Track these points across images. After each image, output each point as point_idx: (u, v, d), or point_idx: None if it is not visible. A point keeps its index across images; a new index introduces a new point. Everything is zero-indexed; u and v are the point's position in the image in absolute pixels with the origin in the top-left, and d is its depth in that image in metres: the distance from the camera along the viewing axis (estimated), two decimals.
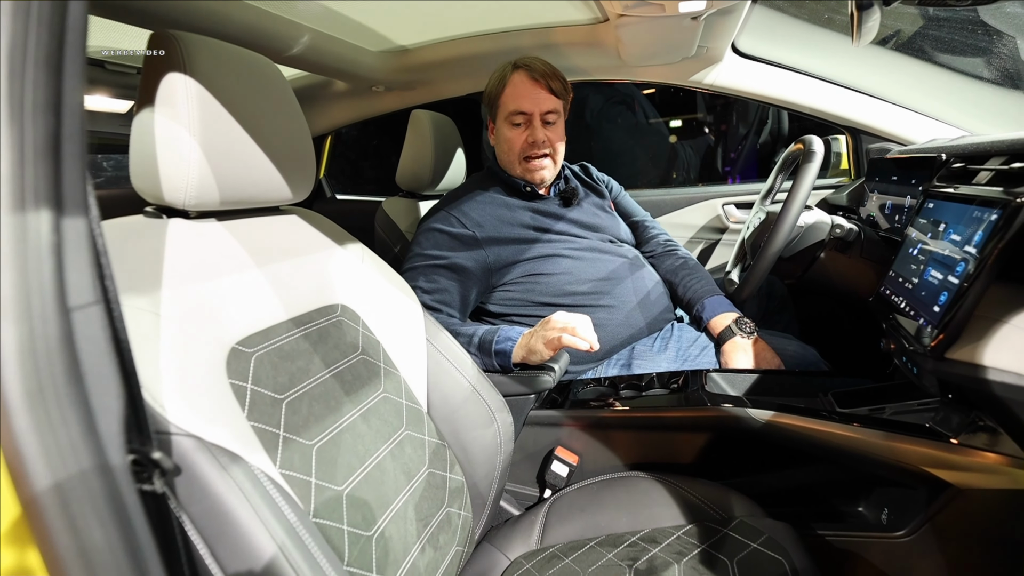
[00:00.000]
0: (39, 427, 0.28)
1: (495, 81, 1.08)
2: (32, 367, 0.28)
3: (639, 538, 0.72)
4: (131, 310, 0.48)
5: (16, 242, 0.30)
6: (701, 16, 0.99)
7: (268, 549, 0.45)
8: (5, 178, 0.30)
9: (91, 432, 0.31)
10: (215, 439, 0.46)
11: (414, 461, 0.71)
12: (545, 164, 1.07)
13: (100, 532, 0.30)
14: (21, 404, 0.28)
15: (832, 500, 0.83)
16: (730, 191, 1.63)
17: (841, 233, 0.98)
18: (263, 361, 0.58)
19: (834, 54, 1.34)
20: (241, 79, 0.62)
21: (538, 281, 1.04)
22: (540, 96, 1.04)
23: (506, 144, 1.07)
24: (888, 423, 0.71)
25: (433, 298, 0.99)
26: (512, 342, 0.90)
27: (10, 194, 0.30)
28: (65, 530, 0.28)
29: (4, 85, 0.30)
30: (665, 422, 0.85)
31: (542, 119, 1.05)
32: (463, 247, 1.02)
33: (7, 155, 0.30)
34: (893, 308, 0.76)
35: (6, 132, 0.30)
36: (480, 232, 1.03)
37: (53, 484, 0.28)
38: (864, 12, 0.62)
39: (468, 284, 1.02)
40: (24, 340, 0.29)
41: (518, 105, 1.04)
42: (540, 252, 1.05)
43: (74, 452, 0.29)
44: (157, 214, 0.61)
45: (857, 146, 1.42)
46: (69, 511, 0.28)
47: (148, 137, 0.56)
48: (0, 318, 0.28)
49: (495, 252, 1.03)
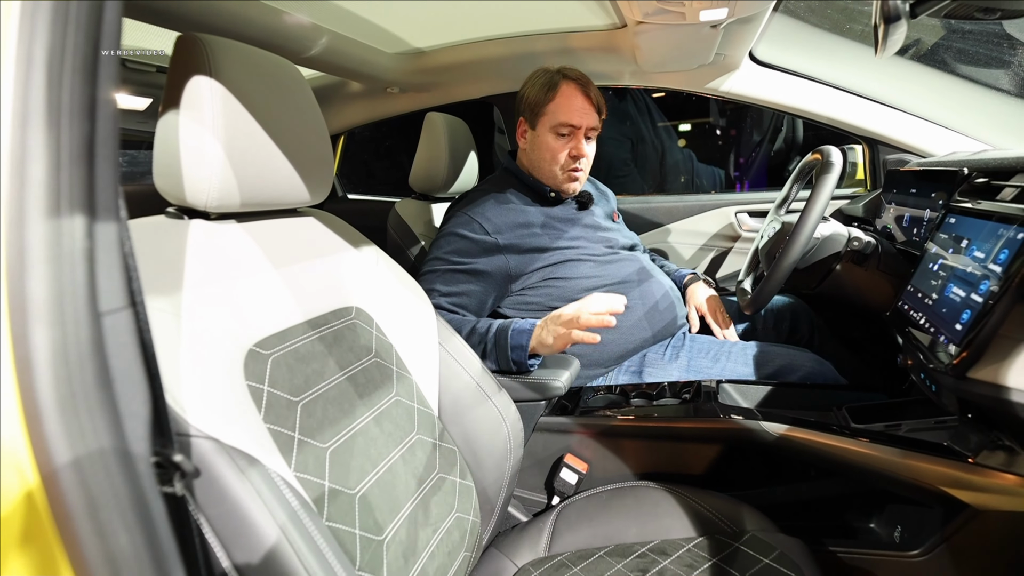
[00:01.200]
0: (70, 433, 0.28)
1: (541, 87, 1.07)
2: (65, 373, 0.29)
3: (648, 549, 0.71)
4: (153, 311, 0.48)
5: (51, 247, 0.30)
6: (721, 24, 0.99)
7: (284, 553, 0.46)
8: (41, 183, 0.30)
9: (119, 437, 0.31)
10: (233, 442, 0.47)
11: (425, 465, 0.71)
12: (580, 176, 1.09)
13: (126, 538, 0.30)
14: (53, 410, 0.28)
15: (844, 516, 0.82)
16: (743, 199, 1.63)
17: (859, 246, 0.96)
18: (279, 363, 0.58)
19: (854, 64, 1.33)
20: (264, 82, 0.63)
21: (556, 285, 1.05)
22: (588, 111, 1.06)
23: (548, 152, 1.07)
24: (904, 440, 0.70)
25: (451, 301, 1.00)
26: (528, 335, 0.90)
27: (45, 199, 0.30)
28: (93, 535, 0.28)
29: (42, 91, 0.31)
30: (676, 432, 0.85)
31: (586, 132, 1.07)
32: (484, 253, 1.02)
33: (43, 160, 0.31)
34: (911, 323, 0.75)
35: (44, 137, 0.31)
36: (501, 239, 1.03)
37: (83, 490, 0.28)
38: (891, 25, 0.61)
39: (488, 289, 1.02)
40: (57, 345, 0.29)
41: (568, 118, 1.05)
42: (558, 257, 1.05)
43: (103, 458, 0.29)
44: (178, 215, 0.62)
45: (874, 157, 1.41)
46: (97, 517, 0.28)
47: (172, 139, 0.57)
48: (34, 323, 0.29)
49: (516, 259, 1.04)
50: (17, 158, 0.30)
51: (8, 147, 0.29)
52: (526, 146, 1.12)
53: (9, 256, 0.29)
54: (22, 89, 0.30)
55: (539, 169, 1.10)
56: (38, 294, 0.29)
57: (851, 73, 1.34)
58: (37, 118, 0.31)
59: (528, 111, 1.10)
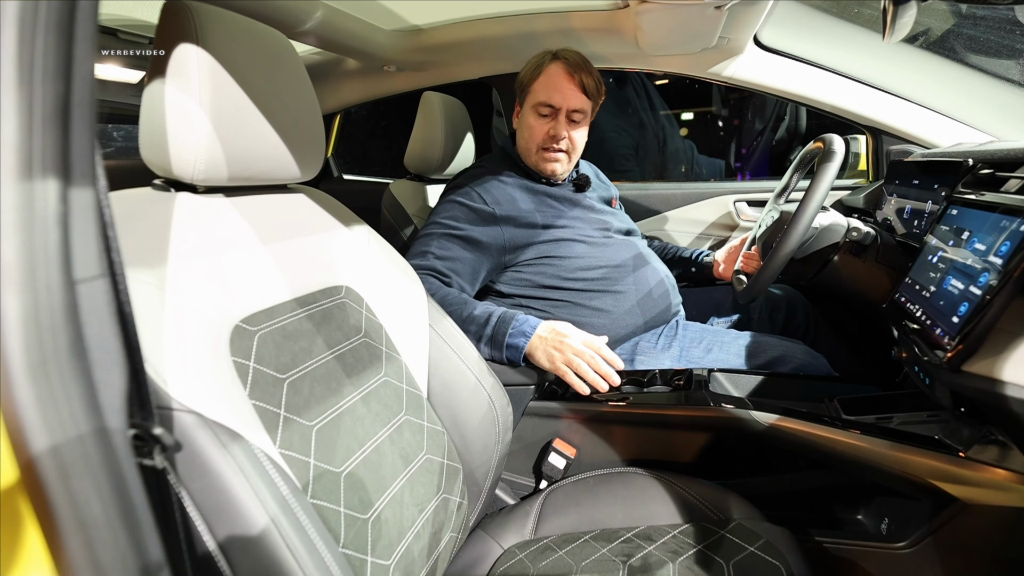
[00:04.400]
0: (41, 399, 0.28)
1: (531, 66, 1.07)
2: (36, 339, 0.28)
3: (634, 535, 0.72)
4: (136, 283, 0.48)
5: (22, 211, 0.29)
6: (726, 6, 0.97)
7: (266, 529, 0.45)
8: (12, 145, 0.29)
9: (93, 406, 0.30)
10: (216, 416, 0.46)
11: (412, 446, 0.71)
12: (559, 158, 1.07)
13: (99, 505, 0.29)
14: (24, 375, 0.28)
15: (831, 506, 0.82)
16: (742, 188, 1.61)
17: (857, 237, 0.95)
18: (266, 340, 0.58)
19: (860, 51, 1.30)
20: (254, 53, 0.61)
21: (550, 264, 1.04)
22: (571, 92, 1.03)
23: (527, 131, 1.07)
24: (895, 433, 0.70)
25: (445, 264, 0.99)
26: (526, 338, 0.89)
27: (16, 161, 0.29)
28: (64, 503, 0.28)
29: (13, 49, 0.30)
30: (666, 419, 0.85)
31: (568, 115, 1.05)
32: (481, 222, 1.02)
33: (15, 121, 0.29)
34: (908, 316, 0.75)
35: (15, 97, 0.29)
36: (499, 210, 1.02)
37: (54, 456, 0.28)
38: (900, 7, 0.59)
39: (481, 259, 1.02)
40: (28, 311, 0.28)
41: (548, 96, 1.03)
42: (554, 236, 1.04)
43: (75, 425, 0.29)
44: (165, 187, 0.60)
45: (877, 147, 1.39)
46: (69, 484, 0.28)
47: (158, 109, 0.55)
48: (4, 287, 0.28)
49: (511, 232, 1.03)
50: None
51: None
52: (516, 127, 1.12)
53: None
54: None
55: (522, 148, 1.10)
56: (8, 258, 0.28)
57: (857, 60, 1.31)
58: (8, 77, 0.29)
59: (519, 90, 1.10)
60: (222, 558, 0.45)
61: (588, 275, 1.04)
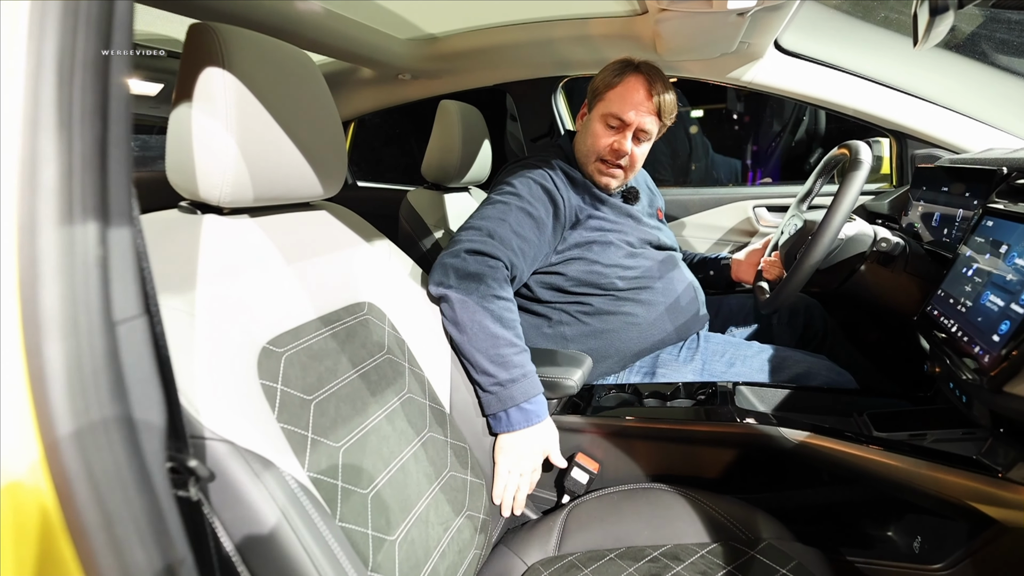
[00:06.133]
0: (84, 450, 0.28)
1: (609, 73, 1.02)
2: (79, 386, 0.28)
3: (661, 553, 0.71)
4: (167, 311, 0.48)
5: (63, 256, 0.29)
6: (749, 12, 0.95)
7: (298, 557, 0.45)
8: (52, 189, 0.29)
9: (135, 450, 0.30)
10: (247, 444, 0.46)
11: (436, 463, 0.71)
12: (616, 174, 1.03)
13: (142, 552, 0.29)
14: (67, 423, 0.28)
15: (860, 523, 0.81)
16: (761, 193, 1.59)
17: (887, 247, 0.93)
18: (292, 361, 0.58)
19: (885, 54, 1.27)
20: (278, 74, 0.61)
21: (585, 259, 1.01)
22: (645, 110, 0.99)
23: (591, 138, 1.02)
24: (930, 452, 0.68)
25: (519, 243, 0.90)
26: (538, 419, 0.81)
27: (57, 206, 0.29)
28: (108, 551, 0.28)
29: (53, 91, 0.30)
30: (691, 435, 0.83)
31: (635, 132, 1.01)
32: (552, 206, 0.97)
33: (55, 165, 0.29)
34: (941, 330, 0.73)
35: (55, 141, 0.29)
36: (563, 203, 0.99)
37: (98, 506, 0.28)
38: (936, 17, 0.58)
39: (540, 246, 0.96)
40: (71, 357, 0.28)
41: (620, 110, 0.99)
42: (593, 236, 1.01)
43: (118, 472, 0.29)
44: (191, 209, 0.61)
45: (901, 151, 1.36)
46: (113, 532, 0.28)
47: (185, 132, 0.56)
48: (47, 335, 0.28)
49: (566, 229, 1.00)
50: (28, 163, 0.29)
51: (19, 152, 0.28)
52: (579, 128, 1.08)
53: (22, 266, 0.28)
54: (32, 91, 0.29)
55: (580, 152, 1.06)
56: (51, 305, 0.28)
57: (882, 64, 1.28)
58: (48, 121, 0.29)
59: (591, 93, 1.05)
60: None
61: (620, 282, 1.02)
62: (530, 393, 0.80)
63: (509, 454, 0.81)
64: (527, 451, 0.81)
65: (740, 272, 1.25)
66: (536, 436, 0.81)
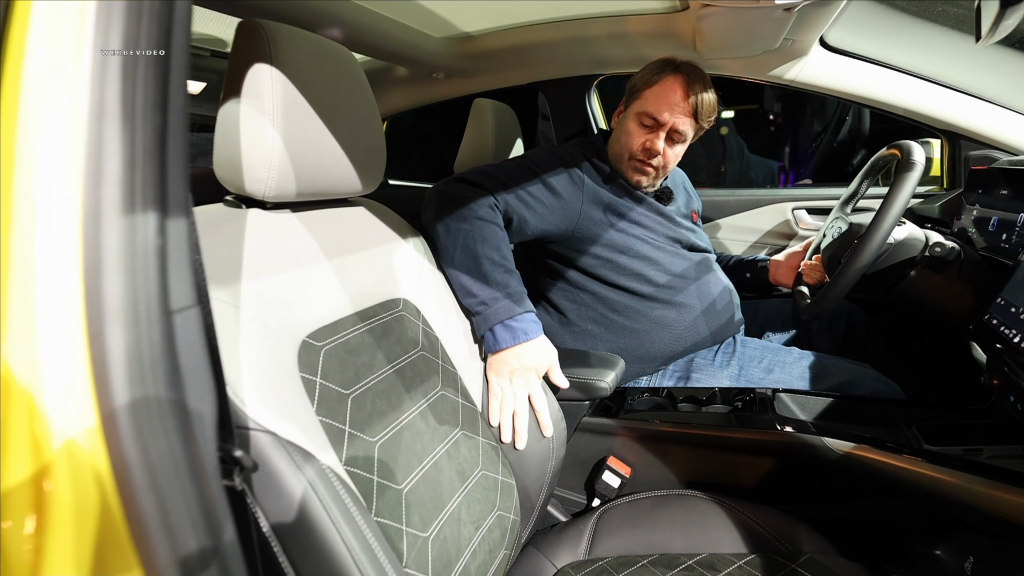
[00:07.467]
0: (142, 437, 0.28)
1: (648, 71, 1.01)
2: (139, 374, 0.28)
3: (696, 562, 0.69)
4: (215, 303, 0.49)
5: (125, 244, 0.30)
6: (796, 7, 0.92)
7: (338, 549, 0.46)
8: (116, 179, 0.30)
9: (189, 438, 0.31)
10: (289, 435, 0.47)
11: (468, 462, 0.71)
12: (648, 172, 1.02)
13: (194, 539, 0.30)
14: (126, 411, 0.28)
15: (908, 541, 0.77)
16: (800, 195, 1.53)
17: (941, 252, 0.88)
18: (331, 355, 0.58)
19: (937, 50, 1.21)
20: (323, 70, 0.62)
21: (618, 262, 1.00)
22: (681, 111, 0.97)
23: (625, 136, 1.02)
24: (987, 468, 0.64)
25: (519, 197, 0.90)
26: (525, 336, 0.79)
27: (120, 195, 0.30)
28: (164, 539, 0.28)
29: (118, 83, 0.30)
30: (727, 442, 0.81)
31: (669, 132, 0.99)
32: (570, 183, 0.97)
33: (119, 155, 0.30)
34: (1001, 340, 0.69)
35: (119, 132, 0.30)
36: (585, 186, 0.98)
37: (154, 493, 0.28)
38: (1007, 8, 0.54)
39: (552, 215, 0.95)
40: (131, 346, 0.29)
41: (655, 110, 0.97)
42: (624, 231, 1.00)
43: (173, 460, 0.29)
44: (237, 204, 0.62)
45: (954, 152, 1.30)
46: (167, 521, 0.28)
47: (233, 128, 0.57)
48: (110, 322, 0.28)
49: (589, 208, 0.98)
50: (94, 154, 0.29)
51: (85, 143, 0.29)
52: (615, 125, 1.07)
53: (86, 253, 0.29)
54: (99, 84, 0.29)
55: (613, 150, 1.05)
56: (113, 292, 0.29)
57: (933, 60, 1.22)
58: (112, 112, 0.30)
59: (629, 91, 1.04)
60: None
61: (655, 281, 1.00)
62: (514, 310, 0.79)
63: (500, 372, 0.79)
64: (517, 367, 0.78)
65: (779, 275, 1.21)
66: (526, 353, 0.79)
